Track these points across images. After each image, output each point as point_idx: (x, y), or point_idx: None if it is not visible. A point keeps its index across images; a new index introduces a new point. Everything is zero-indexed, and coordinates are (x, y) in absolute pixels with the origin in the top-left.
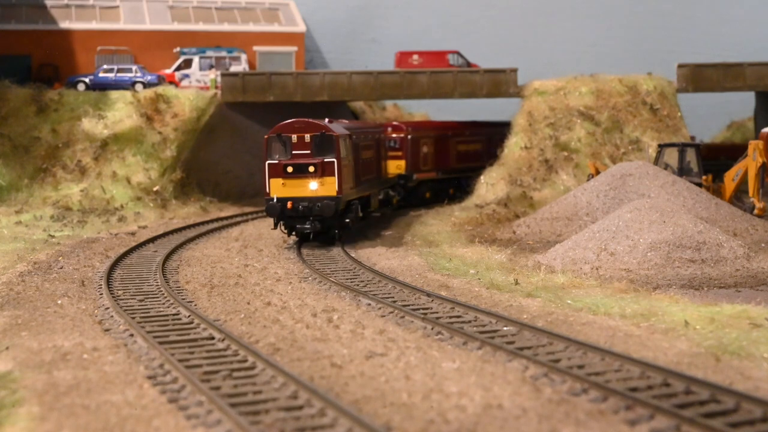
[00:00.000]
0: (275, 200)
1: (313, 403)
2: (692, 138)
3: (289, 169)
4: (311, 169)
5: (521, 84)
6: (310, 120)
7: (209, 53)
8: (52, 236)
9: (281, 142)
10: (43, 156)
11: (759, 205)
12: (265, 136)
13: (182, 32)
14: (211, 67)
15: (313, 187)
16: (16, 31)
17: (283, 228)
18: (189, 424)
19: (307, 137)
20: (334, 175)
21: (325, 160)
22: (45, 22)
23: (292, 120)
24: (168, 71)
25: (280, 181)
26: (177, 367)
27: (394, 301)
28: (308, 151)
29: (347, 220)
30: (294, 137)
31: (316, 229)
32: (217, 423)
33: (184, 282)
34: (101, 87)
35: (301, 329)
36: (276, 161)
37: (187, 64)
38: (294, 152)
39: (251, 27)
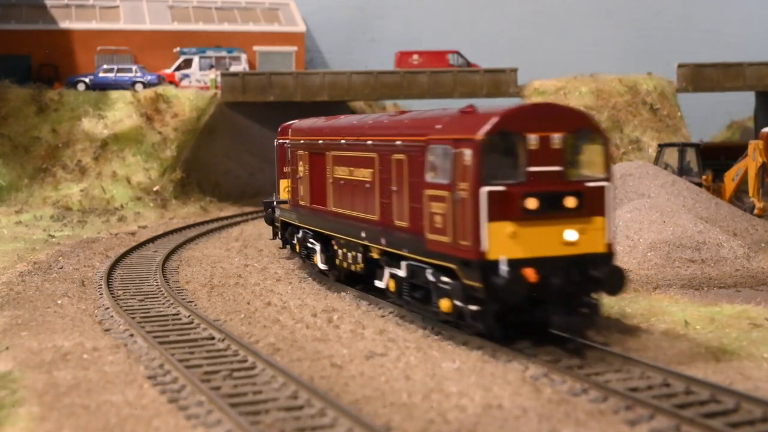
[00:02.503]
0: (506, 267)
1: (313, 403)
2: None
3: (531, 204)
4: (570, 202)
5: (521, 84)
6: (559, 105)
7: (209, 53)
8: (52, 236)
9: (508, 147)
10: (43, 156)
11: (759, 205)
12: (478, 137)
13: (182, 32)
14: (211, 67)
15: (570, 237)
16: (16, 31)
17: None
18: (189, 424)
19: (557, 139)
20: (603, 213)
21: (589, 184)
22: (45, 22)
23: (526, 105)
24: (168, 71)
25: (508, 227)
26: (177, 367)
27: (394, 301)
28: (560, 168)
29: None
30: (533, 139)
31: (596, 323)
32: (217, 423)
33: (184, 282)
34: (101, 87)
35: (301, 329)
36: (501, 187)
37: (187, 64)
38: (531, 169)
39: (251, 27)
